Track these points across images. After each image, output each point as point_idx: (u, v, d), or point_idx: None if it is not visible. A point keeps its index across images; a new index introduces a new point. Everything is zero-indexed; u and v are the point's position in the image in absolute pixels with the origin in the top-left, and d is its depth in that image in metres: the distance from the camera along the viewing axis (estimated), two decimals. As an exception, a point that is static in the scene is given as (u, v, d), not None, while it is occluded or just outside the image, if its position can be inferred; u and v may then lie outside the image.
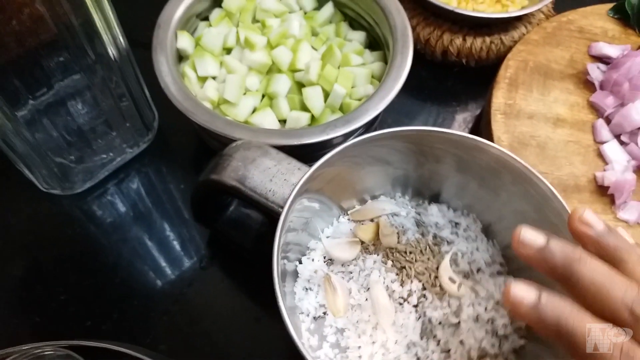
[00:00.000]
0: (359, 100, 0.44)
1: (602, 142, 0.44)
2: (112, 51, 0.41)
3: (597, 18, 0.51)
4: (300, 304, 0.36)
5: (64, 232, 0.46)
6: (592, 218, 0.27)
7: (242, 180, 0.33)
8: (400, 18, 0.45)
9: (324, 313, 0.36)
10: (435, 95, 0.54)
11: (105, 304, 0.43)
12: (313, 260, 0.37)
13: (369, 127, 0.44)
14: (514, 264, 0.38)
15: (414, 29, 0.45)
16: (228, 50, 0.47)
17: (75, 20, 0.37)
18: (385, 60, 0.47)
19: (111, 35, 0.40)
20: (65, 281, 0.43)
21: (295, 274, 0.37)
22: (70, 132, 0.43)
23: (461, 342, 0.34)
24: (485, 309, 0.35)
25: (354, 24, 0.50)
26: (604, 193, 0.42)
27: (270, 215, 0.33)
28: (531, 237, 0.27)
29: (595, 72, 0.47)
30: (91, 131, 0.45)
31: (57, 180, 0.45)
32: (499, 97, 0.46)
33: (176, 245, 0.46)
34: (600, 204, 0.42)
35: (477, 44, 0.51)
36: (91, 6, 0.37)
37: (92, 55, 0.40)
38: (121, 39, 0.41)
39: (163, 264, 0.45)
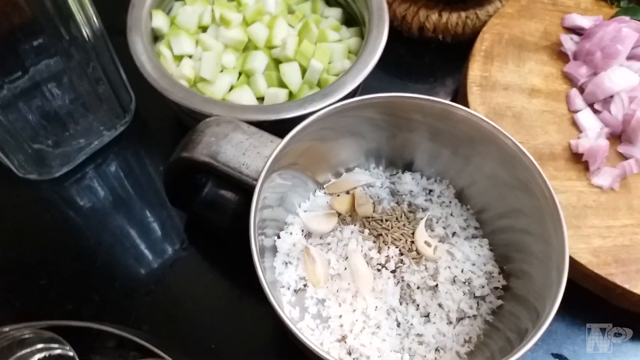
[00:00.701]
0: (336, 75, 0.44)
1: (576, 111, 0.45)
2: (86, 32, 0.41)
3: (570, -10, 0.52)
4: (281, 277, 0.36)
5: (42, 217, 0.45)
6: None
7: (215, 155, 0.33)
8: (376, -7, 0.45)
9: (304, 285, 0.36)
10: (413, 72, 0.54)
11: (87, 288, 0.42)
12: (291, 234, 0.38)
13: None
14: (488, 227, 0.38)
15: (390, 5, 0.45)
16: (204, 29, 0.46)
17: (47, 2, 0.37)
18: (362, 36, 0.47)
19: (85, 16, 0.40)
20: (45, 266, 0.43)
21: (274, 249, 0.37)
22: (46, 116, 0.43)
23: (440, 305, 0.35)
24: (462, 270, 0.35)
25: (330, 1, 0.50)
26: (579, 160, 0.43)
27: (245, 191, 0.33)
28: None
29: (569, 43, 0.48)
30: (68, 115, 0.44)
31: (34, 165, 0.45)
32: (475, 70, 0.46)
33: (156, 227, 0.45)
34: (575, 171, 0.42)
35: (453, 19, 0.51)
36: (64, -13, 0.37)
37: (66, 37, 0.40)
38: (95, 20, 0.41)
39: (144, 246, 0.44)
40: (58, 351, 0.38)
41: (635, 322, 0.40)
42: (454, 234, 0.38)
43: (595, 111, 0.45)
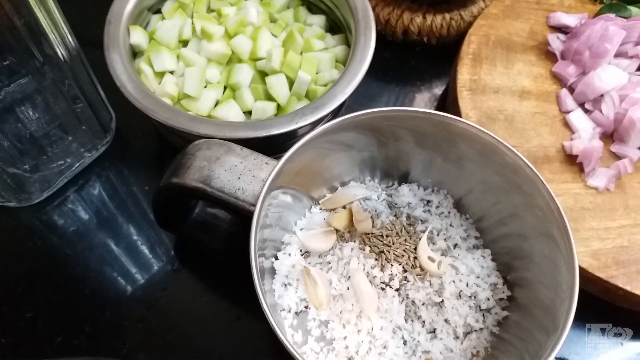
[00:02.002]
0: (325, 85, 0.43)
1: (568, 112, 0.45)
2: (60, 51, 0.39)
3: (553, -11, 0.51)
4: (281, 300, 0.35)
5: (24, 246, 0.43)
6: None
7: (208, 181, 0.32)
8: (360, -1, 0.44)
9: (306, 307, 0.35)
10: (399, 75, 0.53)
11: (76, 318, 0.41)
12: (289, 254, 0.36)
13: (336, 112, 0.43)
14: (488, 235, 0.38)
15: (373, 9, 0.44)
16: (184, 43, 0.45)
17: (18, 21, 0.35)
18: (347, 43, 0.46)
19: (58, 34, 0.38)
20: (31, 298, 0.41)
21: (273, 271, 0.36)
22: (22, 139, 0.41)
23: (446, 320, 0.34)
24: (467, 284, 0.35)
25: (313, 8, 0.49)
26: (573, 162, 0.42)
27: (241, 214, 0.32)
28: None
29: (556, 42, 0.48)
30: (45, 137, 0.42)
31: (12, 192, 0.43)
32: (464, 74, 0.45)
33: (145, 249, 0.44)
34: (570, 172, 0.42)
35: (437, 21, 0.51)
36: (34, 4, 0.35)
37: (39, 56, 0.38)
38: (70, 38, 0.39)
39: (133, 269, 0.43)
40: (51, 388, 0.37)
41: (636, 321, 0.40)
42: (455, 245, 0.37)
43: (586, 111, 0.44)
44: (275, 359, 0.40)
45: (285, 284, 0.36)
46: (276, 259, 0.36)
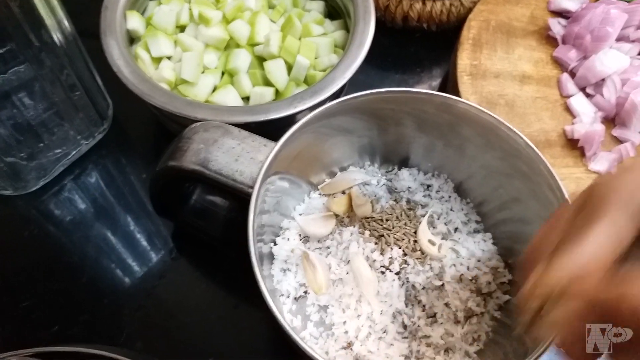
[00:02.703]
0: (324, 71, 0.43)
1: (569, 96, 0.44)
2: (57, 37, 0.38)
3: (553, -26, 0.51)
4: (280, 286, 0.35)
5: (20, 234, 0.43)
6: None
7: (205, 163, 0.32)
8: (359, -16, 0.43)
9: (305, 292, 0.35)
10: (399, 62, 0.53)
11: (73, 307, 0.40)
12: (288, 239, 0.36)
13: (335, 98, 0.43)
14: (489, 220, 0.37)
15: (372, -5, 0.44)
16: (182, 28, 0.44)
17: (14, 6, 0.35)
18: (346, 28, 0.45)
19: (55, 19, 0.38)
20: (27, 286, 0.41)
21: (271, 256, 0.36)
22: (18, 127, 0.41)
23: (446, 304, 0.34)
24: (468, 268, 0.34)
25: (311, -6, 0.48)
26: (574, 146, 0.42)
27: (239, 198, 0.32)
28: None
29: (557, 27, 0.47)
30: (41, 125, 0.42)
31: (8, 180, 0.43)
32: (464, 59, 0.45)
33: (143, 237, 0.43)
34: (572, 157, 0.42)
35: (437, 7, 0.50)
36: (30, -11, 0.35)
37: (36, 43, 0.37)
38: (66, 24, 0.39)
39: (131, 258, 0.43)
40: (47, 377, 0.36)
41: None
42: (455, 229, 0.37)
43: (588, 95, 0.44)
44: (274, 348, 0.40)
45: (284, 270, 0.35)
46: (275, 244, 0.36)
